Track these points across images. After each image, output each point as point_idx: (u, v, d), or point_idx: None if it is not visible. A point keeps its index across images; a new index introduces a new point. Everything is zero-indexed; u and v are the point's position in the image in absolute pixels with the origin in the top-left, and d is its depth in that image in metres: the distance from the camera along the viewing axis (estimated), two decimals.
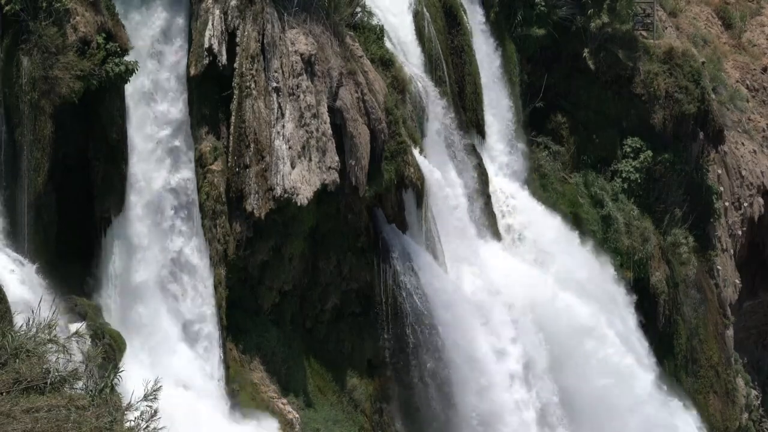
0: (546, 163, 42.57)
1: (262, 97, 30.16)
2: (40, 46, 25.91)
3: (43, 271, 25.88)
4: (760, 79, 53.99)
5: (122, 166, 27.67)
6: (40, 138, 26.07)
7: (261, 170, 29.94)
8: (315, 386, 32.13)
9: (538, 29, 41.74)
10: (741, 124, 51.29)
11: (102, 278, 28.02)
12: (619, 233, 42.37)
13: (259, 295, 31.36)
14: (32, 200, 26.16)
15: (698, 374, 44.56)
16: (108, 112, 27.30)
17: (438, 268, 34.34)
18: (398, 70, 34.79)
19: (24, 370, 13.06)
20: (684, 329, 44.04)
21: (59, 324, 15.28)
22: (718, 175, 47.50)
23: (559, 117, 43.55)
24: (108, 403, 13.33)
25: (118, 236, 28.04)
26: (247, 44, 30.06)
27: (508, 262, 38.10)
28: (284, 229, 31.01)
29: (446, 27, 38.80)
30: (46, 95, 25.97)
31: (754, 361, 51.69)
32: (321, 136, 30.70)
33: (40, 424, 12.38)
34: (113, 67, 26.81)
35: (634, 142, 43.63)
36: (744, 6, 56.32)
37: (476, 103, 39.61)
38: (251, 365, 30.74)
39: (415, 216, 34.16)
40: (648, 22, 46.32)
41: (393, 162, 32.65)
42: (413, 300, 33.20)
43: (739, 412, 46.64)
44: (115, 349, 26.21)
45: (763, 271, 51.47)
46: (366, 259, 33.17)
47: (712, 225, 46.25)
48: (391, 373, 33.67)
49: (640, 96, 43.87)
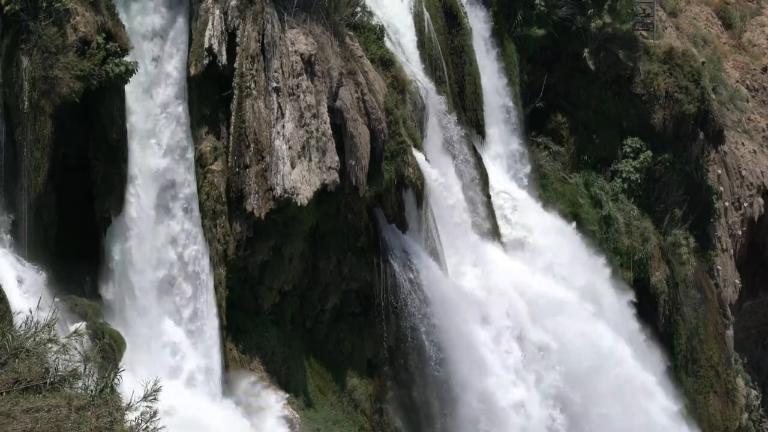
0: (546, 163, 42.56)
1: (262, 97, 30.16)
2: (40, 46, 25.91)
3: (43, 271, 25.88)
4: (760, 79, 54.00)
5: (122, 166, 27.68)
6: (40, 138, 26.07)
7: (261, 170, 29.94)
8: (315, 386, 32.13)
9: (538, 29, 41.73)
10: (741, 124, 51.29)
11: (102, 278, 28.03)
12: (619, 233, 42.37)
13: (259, 295, 31.36)
14: (32, 200, 26.16)
15: (698, 374, 44.54)
16: (108, 112, 27.31)
17: (438, 268, 34.34)
18: (398, 70, 34.80)
19: (24, 370, 13.06)
20: (684, 329, 44.03)
21: (60, 324, 15.30)
22: (718, 175, 47.50)
23: (559, 117, 43.55)
24: (108, 403, 13.33)
25: (119, 236, 28.06)
26: (247, 44, 30.07)
27: (508, 262, 38.11)
28: (284, 229, 31.01)
29: (446, 27, 38.80)
30: (46, 95, 25.97)
31: (754, 361, 51.70)
32: (321, 136, 30.70)
33: (40, 425, 12.38)
34: (113, 67, 26.82)
35: (634, 142, 43.62)
36: (744, 6, 56.32)
37: (476, 103, 39.61)
38: (251, 365, 30.74)
39: (415, 216, 34.16)
40: (648, 22, 46.31)
41: (393, 162, 32.65)
42: (413, 300, 33.19)
43: (739, 412, 46.64)
44: (115, 349, 26.22)
45: (763, 271, 51.48)
46: (366, 259, 33.17)
47: (712, 225, 46.25)
48: (391, 373, 33.67)
49: (640, 96, 43.86)
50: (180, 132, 29.62)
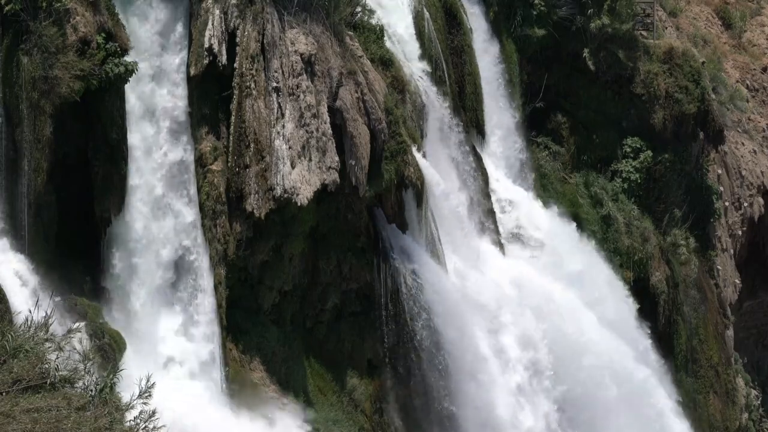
0: (546, 163, 42.55)
1: (262, 97, 30.16)
2: (40, 46, 25.93)
3: (43, 271, 25.90)
4: (760, 79, 53.98)
5: (122, 166, 27.70)
6: (40, 138, 26.09)
7: (261, 170, 29.95)
8: (315, 386, 32.13)
9: (538, 29, 41.72)
10: (741, 124, 51.28)
11: (102, 278, 28.05)
12: (619, 233, 42.35)
13: (259, 295, 31.36)
14: (32, 200, 26.18)
15: (698, 374, 44.52)
16: (108, 112, 27.33)
17: (438, 268, 34.34)
18: (398, 70, 34.79)
19: (23, 369, 13.06)
20: (684, 329, 44.01)
21: (60, 323, 15.29)
22: (718, 175, 47.49)
23: (559, 117, 43.53)
24: (107, 403, 13.33)
25: (119, 236, 28.08)
26: (247, 44, 30.07)
27: (508, 262, 38.10)
28: (284, 229, 31.01)
29: (446, 27, 38.79)
30: (46, 95, 25.99)
31: (754, 361, 51.68)
32: (321, 136, 30.70)
33: (39, 425, 12.38)
34: (113, 67, 26.84)
35: (634, 142, 43.61)
36: (744, 6, 56.30)
37: (476, 103, 39.59)
38: (251, 365, 30.75)
39: (415, 216, 34.15)
40: (648, 22, 46.28)
41: (393, 162, 32.64)
42: (413, 300, 33.19)
43: (739, 412, 46.63)
44: (115, 349, 26.24)
45: (763, 271, 51.46)
46: (366, 259, 33.16)
47: (712, 225, 46.24)
48: (391, 373, 33.66)
49: (640, 96, 43.84)
50: (180, 132, 29.65)
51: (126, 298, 28.38)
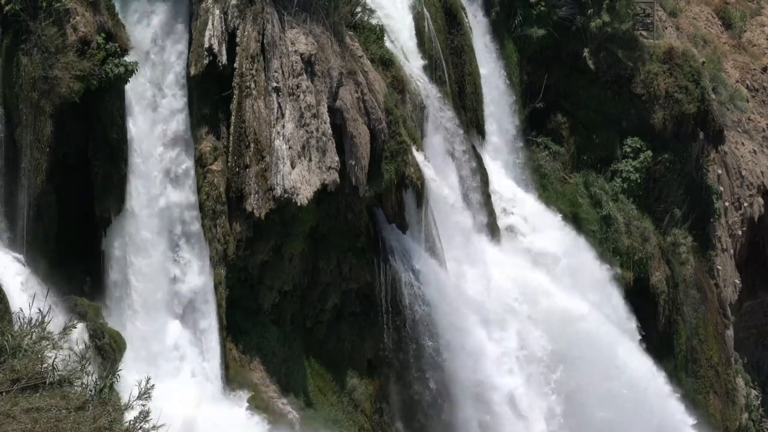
0: (546, 163, 42.53)
1: (262, 97, 30.17)
2: (40, 46, 25.94)
3: (43, 271, 25.90)
4: (760, 79, 53.98)
5: (122, 166, 27.71)
6: (40, 138, 26.10)
7: (261, 170, 29.96)
8: (315, 386, 32.14)
9: (538, 29, 41.71)
10: (741, 124, 51.27)
11: (101, 278, 28.05)
12: (619, 233, 42.34)
13: (259, 295, 31.37)
14: (32, 200, 26.19)
15: (698, 374, 44.52)
16: (108, 112, 27.35)
17: (438, 267, 34.34)
18: (398, 70, 34.79)
19: (22, 369, 13.07)
20: (684, 329, 44.01)
21: (59, 323, 15.27)
22: (718, 175, 47.48)
23: (559, 117, 43.51)
24: (107, 403, 13.34)
25: (119, 236, 28.08)
26: (247, 44, 30.08)
27: (508, 262, 38.09)
28: (284, 229, 31.02)
29: (446, 27, 38.78)
30: (46, 95, 26.00)
31: (754, 361, 51.67)
32: (321, 136, 30.71)
33: (39, 424, 12.39)
34: (113, 67, 26.85)
35: (634, 142, 43.60)
36: (744, 6, 56.29)
37: (476, 103, 39.59)
38: (251, 365, 30.75)
39: (415, 216, 34.16)
40: (648, 22, 46.27)
41: (393, 162, 32.65)
42: (413, 300, 33.20)
43: (739, 412, 46.63)
44: (115, 349, 26.25)
45: (763, 271, 51.44)
46: (366, 259, 33.17)
47: (712, 225, 46.23)
48: (391, 373, 33.67)
49: (640, 96, 43.83)
50: (180, 131, 29.67)
51: (125, 297, 28.37)
